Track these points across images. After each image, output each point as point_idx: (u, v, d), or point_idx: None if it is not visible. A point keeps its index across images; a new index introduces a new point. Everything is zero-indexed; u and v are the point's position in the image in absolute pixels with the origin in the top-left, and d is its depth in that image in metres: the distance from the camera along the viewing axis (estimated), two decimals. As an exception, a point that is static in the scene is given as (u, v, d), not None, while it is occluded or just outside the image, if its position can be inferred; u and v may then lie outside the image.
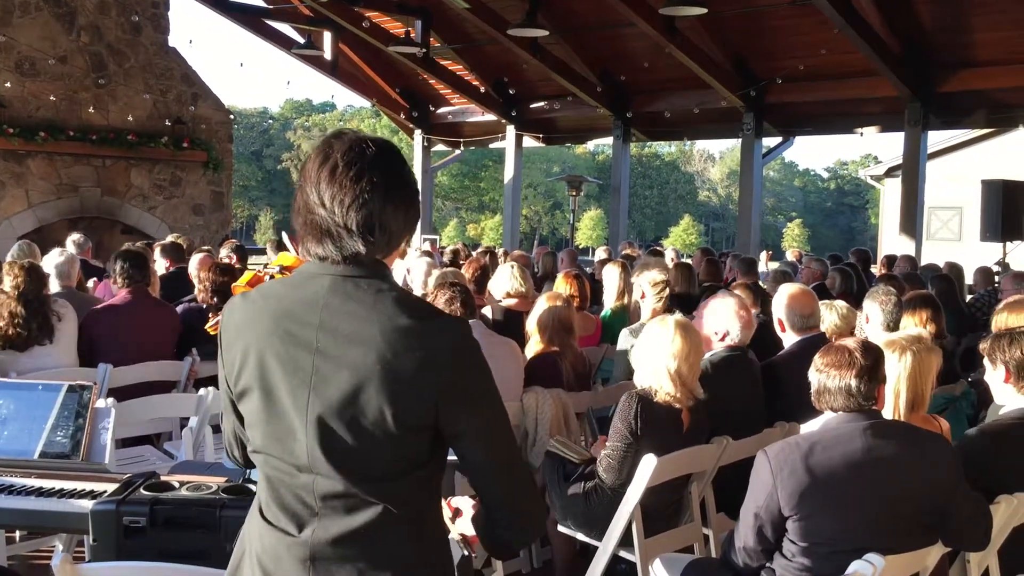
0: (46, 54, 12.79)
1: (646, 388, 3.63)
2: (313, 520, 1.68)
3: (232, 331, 1.76)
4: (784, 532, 2.71)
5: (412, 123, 19.17)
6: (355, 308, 1.66)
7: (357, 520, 1.66)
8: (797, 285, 4.88)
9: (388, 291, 1.68)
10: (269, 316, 1.71)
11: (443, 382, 1.65)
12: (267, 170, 68.19)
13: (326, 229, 1.67)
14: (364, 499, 1.66)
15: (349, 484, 1.65)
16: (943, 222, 20.92)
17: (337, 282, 1.68)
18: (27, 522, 3.13)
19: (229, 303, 1.81)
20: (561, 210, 62.17)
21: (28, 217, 12.87)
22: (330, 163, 1.67)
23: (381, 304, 1.66)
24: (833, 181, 79.73)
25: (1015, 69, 11.55)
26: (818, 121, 15.23)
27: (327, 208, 1.66)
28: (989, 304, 7.57)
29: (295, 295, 1.71)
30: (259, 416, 1.71)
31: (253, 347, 1.70)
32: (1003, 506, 2.97)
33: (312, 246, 1.70)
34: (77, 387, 3.27)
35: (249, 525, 1.79)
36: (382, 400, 1.62)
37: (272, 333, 1.69)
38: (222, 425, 1.91)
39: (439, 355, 1.65)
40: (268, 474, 1.73)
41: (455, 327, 1.71)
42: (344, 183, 1.65)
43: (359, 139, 1.71)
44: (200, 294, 5.79)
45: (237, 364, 1.73)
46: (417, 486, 1.70)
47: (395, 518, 1.67)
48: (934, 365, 3.24)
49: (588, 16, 13.79)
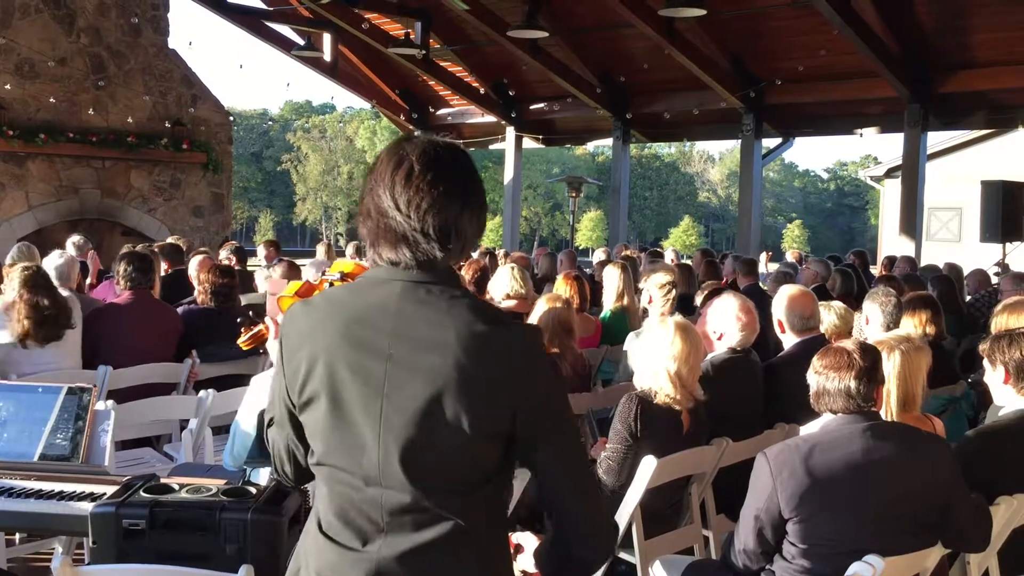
0: (46, 56, 12.79)
1: (646, 390, 3.63)
2: (379, 536, 1.62)
3: (296, 338, 1.69)
4: (784, 534, 2.71)
5: (412, 124, 19.17)
6: (429, 314, 1.61)
7: (426, 535, 1.61)
8: (797, 286, 4.88)
9: (461, 297, 1.65)
10: (337, 322, 1.65)
11: (520, 389, 1.62)
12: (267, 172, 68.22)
13: (402, 234, 1.62)
14: (434, 513, 1.61)
15: (421, 497, 1.60)
16: (943, 223, 20.92)
17: (408, 288, 1.63)
18: (27, 524, 3.13)
19: (289, 311, 1.75)
20: (561, 211, 62.19)
21: (28, 219, 12.87)
22: (405, 166, 1.63)
23: (456, 310, 1.62)
24: (833, 182, 79.80)
25: (1014, 70, 11.56)
26: (818, 122, 15.24)
27: (403, 212, 1.61)
28: (989, 305, 7.56)
29: (364, 301, 1.66)
30: (326, 426, 1.65)
31: (321, 354, 1.64)
32: (1003, 507, 2.97)
33: (385, 251, 1.65)
34: (77, 389, 3.27)
35: (305, 542, 1.73)
36: (459, 408, 1.58)
37: (342, 340, 1.63)
38: (272, 439, 1.83)
39: (516, 362, 1.62)
40: (332, 488, 1.67)
41: (532, 335, 1.68)
42: (421, 187, 1.61)
43: (433, 143, 1.67)
44: (200, 296, 5.79)
45: (302, 372, 1.66)
46: (486, 500, 1.66)
47: (464, 533, 1.62)
48: (924, 364, 3.24)
49: (588, 17, 13.80)
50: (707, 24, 12.53)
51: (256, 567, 2.21)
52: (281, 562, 2.47)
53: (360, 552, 1.63)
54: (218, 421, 4.43)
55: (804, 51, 12.79)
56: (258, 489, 2.63)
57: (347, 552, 1.64)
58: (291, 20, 16.30)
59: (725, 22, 12.78)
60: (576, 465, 1.71)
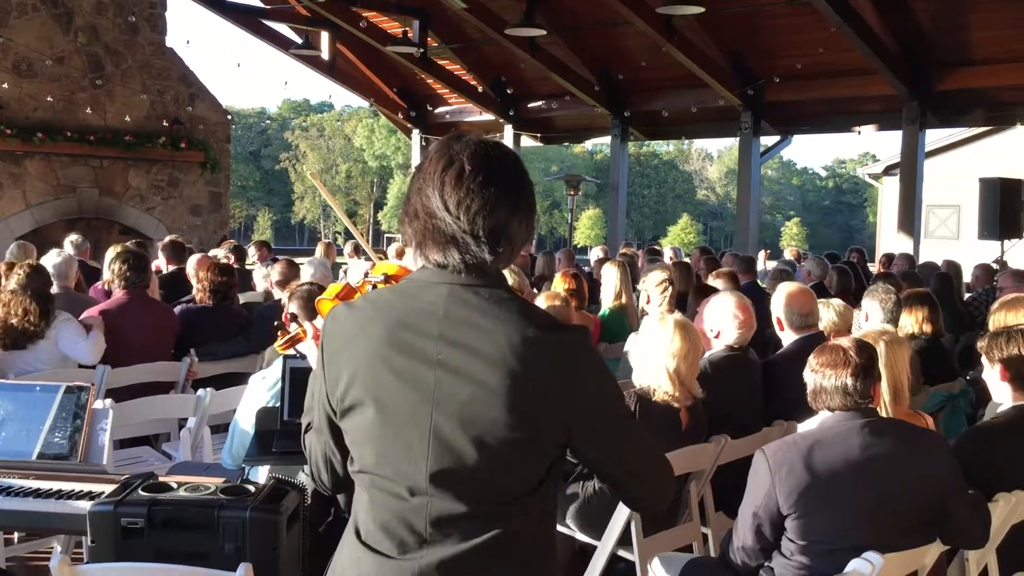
0: (43, 55, 12.78)
1: (644, 387, 3.63)
2: (422, 547, 1.58)
3: (339, 342, 1.64)
4: (783, 531, 2.71)
5: (410, 123, 19.16)
6: (478, 319, 1.56)
7: (469, 544, 1.57)
8: (796, 284, 4.88)
9: (510, 300, 1.59)
10: (382, 326, 1.60)
11: (574, 397, 1.58)
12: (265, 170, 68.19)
13: (451, 236, 1.57)
14: (478, 523, 1.57)
15: (468, 507, 1.57)
16: (941, 220, 20.94)
17: (456, 291, 1.58)
18: (25, 523, 3.13)
19: (332, 313, 1.69)
20: (559, 209, 62.18)
21: (26, 218, 12.86)
22: (455, 167, 1.58)
23: (505, 314, 1.57)
24: (831, 179, 79.83)
25: (1012, 67, 11.56)
26: (816, 120, 15.24)
27: (452, 214, 1.56)
28: (987, 302, 7.57)
29: (410, 304, 1.60)
30: (370, 433, 1.60)
31: (365, 359, 1.59)
32: (1001, 504, 2.97)
33: (433, 253, 1.60)
34: (75, 388, 3.27)
35: (344, 550, 1.68)
36: (511, 416, 1.53)
37: (386, 344, 1.58)
38: (309, 446, 1.77)
39: (570, 370, 1.57)
40: (373, 497, 1.62)
41: (582, 338, 1.63)
42: (472, 188, 1.56)
43: (482, 143, 1.62)
44: (199, 294, 5.79)
45: (345, 377, 1.61)
46: (534, 505, 1.62)
47: (509, 539, 1.59)
48: (905, 356, 3.24)
49: (586, 15, 13.79)
50: (705, 22, 12.52)
51: (255, 565, 2.21)
52: (280, 560, 2.47)
53: (400, 560, 1.59)
54: (216, 420, 4.44)
55: (802, 49, 12.79)
56: (256, 487, 2.63)
57: (387, 561, 1.60)
58: (289, 18, 16.28)
59: (723, 19, 12.77)
60: (638, 463, 1.71)
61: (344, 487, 1.74)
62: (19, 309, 4.64)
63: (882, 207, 22.65)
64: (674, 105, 15.13)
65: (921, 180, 13.01)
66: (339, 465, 1.71)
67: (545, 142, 19.78)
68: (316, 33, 16.42)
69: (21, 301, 4.65)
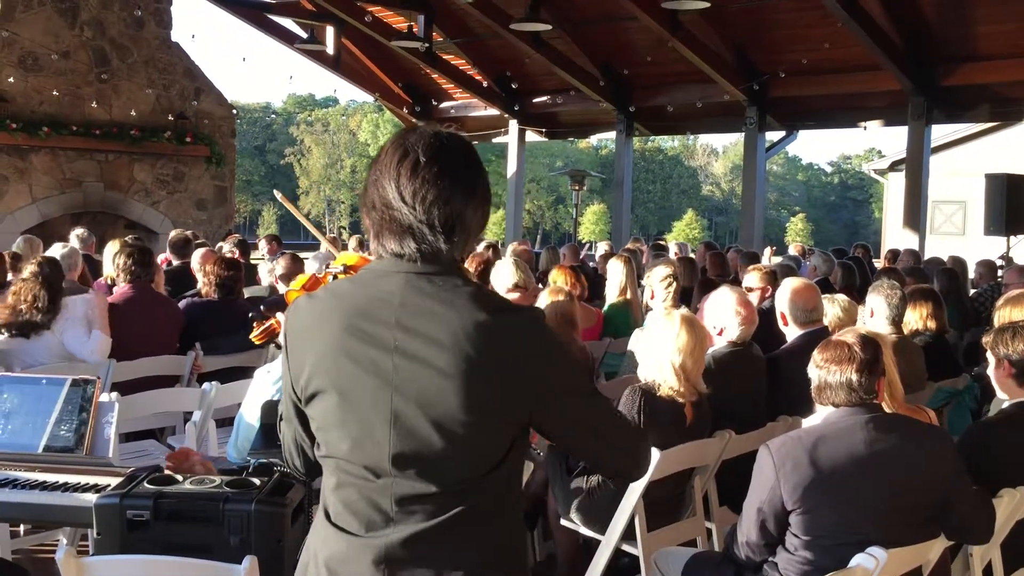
0: (49, 49, 12.80)
1: (649, 382, 3.63)
2: (388, 525, 1.63)
3: (300, 332, 1.69)
4: (787, 526, 2.71)
5: (415, 117, 19.15)
6: (433, 305, 1.61)
7: (434, 522, 1.62)
8: (800, 279, 4.88)
9: (464, 287, 1.64)
10: (341, 315, 1.64)
11: (530, 376, 1.62)
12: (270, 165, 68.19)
13: (407, 226, 1.62)
14: (442, 501, 1.62)
15: (432, 486, 1.61)
16: (947, 216, 20.90)
17: (412, 279, 1.63)
18: (31, 516, 3.14)
19: (293, 304, 1.75)
20: (564, 205, 62.13)
21: (31, 212, 12.89)
22: (411, 158, 1.62)
23: (459, 300, 1.61)
24: (836, 175, 79.65)
25: (1018, 63, 11.53)
26: (821, 115, 15.21)
27: (408, 204, 1.61)
28: (992, 298, 7.55)
29: (367, 293, 1.65)
30: (333, 419, 1.65)
31: (325, 347, 1.64)
32: (1006, 499, 2.97)
33: (390, 243, 1.64)
34: (81, 381, 3.28)
35: (314, 534, 1.74)
36: (467, 399, 1.58)
37: (345, 332, 1.63)
38: (282, 434, 1.84)
39: (522, 348, 1.62)
40: (340, 479, 1.68)
41: (534, 319, 1.67)
42: (427, 179, 1.61)
43: (436, 134, 1.66)
44: (204, 288, 5.79)
45: (307, 365, 1.66)
46: (498, 483, 1.66)
47: (473, 516, 1.64)
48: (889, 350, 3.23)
49: (590, 10, 13.77)
50: (710, 16, 12.50)
51: (260, 558, 2.22)
52: (285, 553, 2.47)
53: (367, 538, 1.64)
54: (222, 413, 4.44)
55: (808, 44, 12.76)
56: (262, 480, 2.63)
57: (354, 539, 1.65)
58: (294, 13, 16.28)
59: (728, 14, 12.75)
60: (604, 430, 1.74)
61: (316, 472, 1.80)
62: (29, 295, 4.67)
63: (887, 203, 22.61)
64: (679, 100, 15.11)
65: (927, 176, 12.99)
66: (309, 451, 1.77)
67: (550, 137, 19.78)
68: (321, 28, 16.42)
69: (31, 288, 4.68)
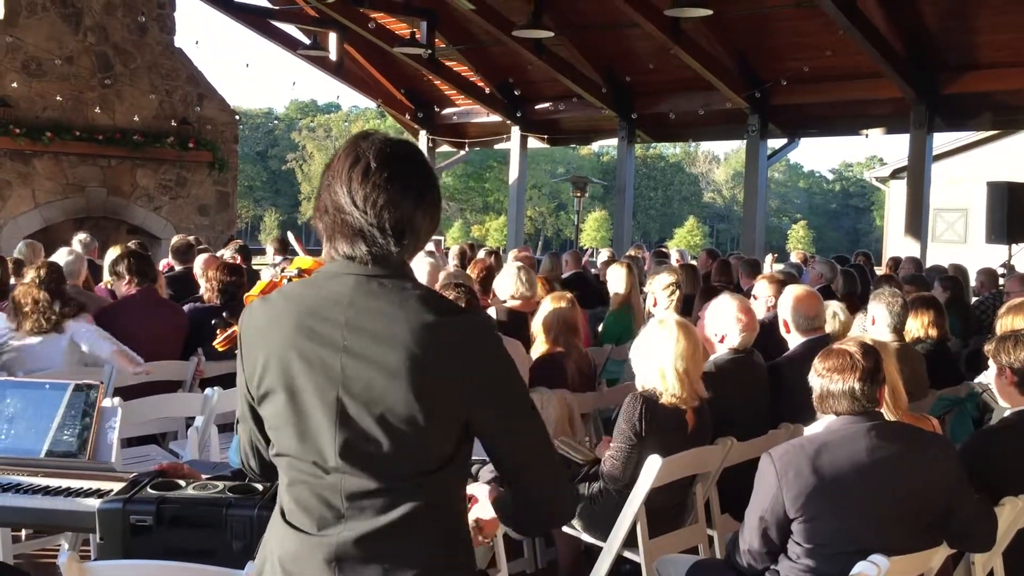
0: (52, 54, 12.82)
1: (650, 389, 3.63)
2: (339, 522, 1.67)
3: (253, 333, 1.74)
4: (789, 534, 2.71)
5: (417, 124, 19.18)
6: (382, 306, 1.65)
7: (384, 519, 1.66)
8: (802, 286, 4.89)
9: (413, 289, 1.68)
10: (292, 316, 1.69)
11: (471, 376, 1.66)
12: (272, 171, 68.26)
13: (358, 229, 1.66)
14: (391, 498, 1.65)
15: (379, 483, 1.65)
16: (948, 224, 20.89)
17: (362, 281, 1.67)
18: (34, 520, 3.15)
19: (248, 307, 1.79)
20: (566, 211, 62.17)
21: (34, 217, 12.90)
22: (362, 164, 1.67)
23: (407, 302, 1.66)
24: (838, 183, 79.62)
25: (1020, 71, 11.55)
26: (823, 123, 15.22)
27: (359, 208, 1.65)
28: (994, 307, 7.55)
29: (318, 294, 1.70)
30: (284, 417, 1.69)
31: (276, 348, 1.69)
32: (1008, 508, 2.97)
33: (342, 246, 1.69)
34: (84, 386, 3.28)
35: (271, 532, 1.77)
36: (412, 397, 1.62)
37: (296, 332, 1.67)
38: (239, 435, 1.89)
39: (466, 350, 1.66)
40: (292, 477, 1.72)
41: (480, 322, 1.73)
42: (378, 184, 1.65)
43: (388, 140, 1.71)
44: (207, 293, 5.80)
45: (259, 366, 1.70)
46: (444, 481, 1.70)
47: (423, 515, 1.66)
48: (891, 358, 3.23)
49: (593, 17, 13.79)
50: (713, 24, 12.52)
51: (263, 563, 2.22)
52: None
53: (319, 536, 1.67)
54: (224, 419, 4.44)
55: (810, 51, 12.78)
56: (264, 486, 2.64)
57: (307, 538, 1.68)
58: (297, 19, 16.32)
59: (731, 22, 12.77)
60: (528, 445, 1.75)
61: (271, 473, 1.83)
62: (29, 299, 4.70)
63: (889, 211, 22.60)
64: (681, 107, 15.13)
65: (928, 184, 12.99)
66: (264, 452, 1.81)
67: (552, 144, 19.79)
68: (324, 34, 16.45)
69: (31, 291, 4.71)
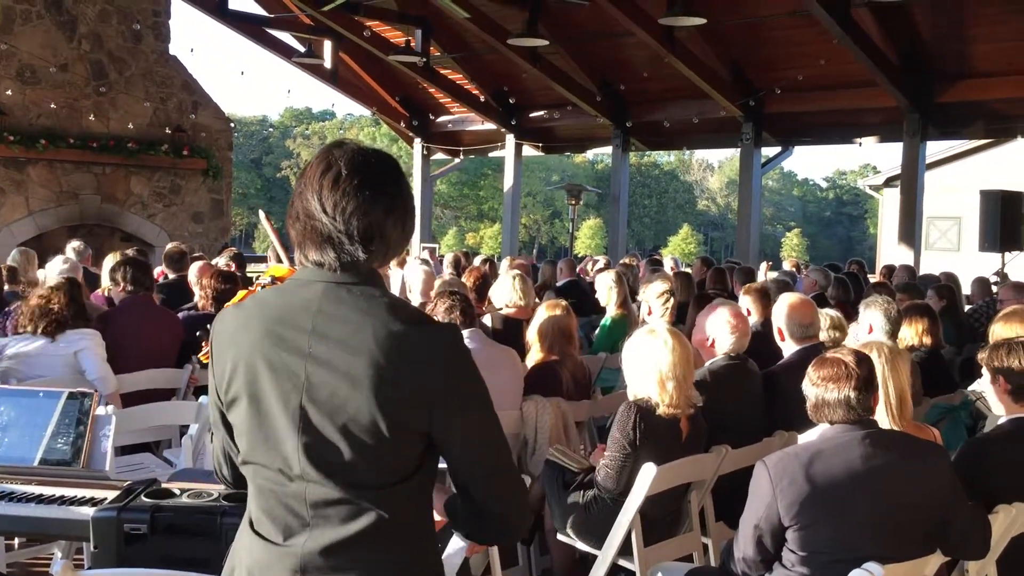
0: (47, 62, 12.81)
1: (644, 398, 3.63)
2: (304, 530, 1.66)
3: (224, 339, 1.74)
4: (783, 542, 2.71)
5: (412, 132, 19.20)
6: (348, 314, 1.65)
7: (349, 529, 1.65)
8: (797, 295, 4.90)
9: (380, 297, 1.68)
10: (260, 322, 1.69)
11: (435, 387, 1.65)
12: (266, 178, 68.18)
13: (327, 236, 1.67)
14: (356, 507, 1.64)
15: (342, 491, 1.64)
16: (942, 232, 20.95)
17: (331, 288, 1.68)
18: (28, 529, 3.13)
19: (220, 314, 1.80)
20: (560, 219, 62.19)
21: (28, 224, 12.88)
22: (333, 171, 1.67)
23: (374, 310, 1.66)
24: (832, 191, 79.81)
25: (1013, 80, 11.59)
26: (817, 131, 15.27)
27: (329, 215, 1.66)
28: (987, 315, 7.56)
29: (287, 301, 1.70)
30: (249, 424, 1.69)
31: (244, 354, 1.69)
32: (1001, 515, 2.98)
33: (311, 252, 1.69)
34: (78, 394, 3.28)
35: (239, 540, 1.78)
36: (374, 406, 1.61)
37: (264, 338, 1.68)
38: (212, 443, 1.89)
39: (431, 361, 1.65)
40: (259, 484, 1.71)
41: (446, 333, 1.71)
42: (348, 191, 1.65)
43: (361, 149, 1.72)
44: (201, 301, 5.79)
45: (228, 372, 1.71)
46: (409, 493, 1.69)
47: (388, 526, 1.65)
48: (907, 366, 3.25)
49: (588, 26, 13.83)
50: (707, 33, 12.57)
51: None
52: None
53: (285, 547, 1.67)
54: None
55: (803, 60, 12.82)
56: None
57: (273, 547, 1.68)
58: (292, 27, 16.33)
59: (725, 31, 12.82)
60: (488, 459, 1.73)
61: (243, 482, 1.81)
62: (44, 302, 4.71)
63: (883, 219, 22.67)
64: (675, 116, 15.17)
65: (922, 192, 13.03)
66: (236, 458, 1.79)
67: (547, 151, 19.83)
68: (319, 42, 16.48)
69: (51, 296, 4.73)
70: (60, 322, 4.67)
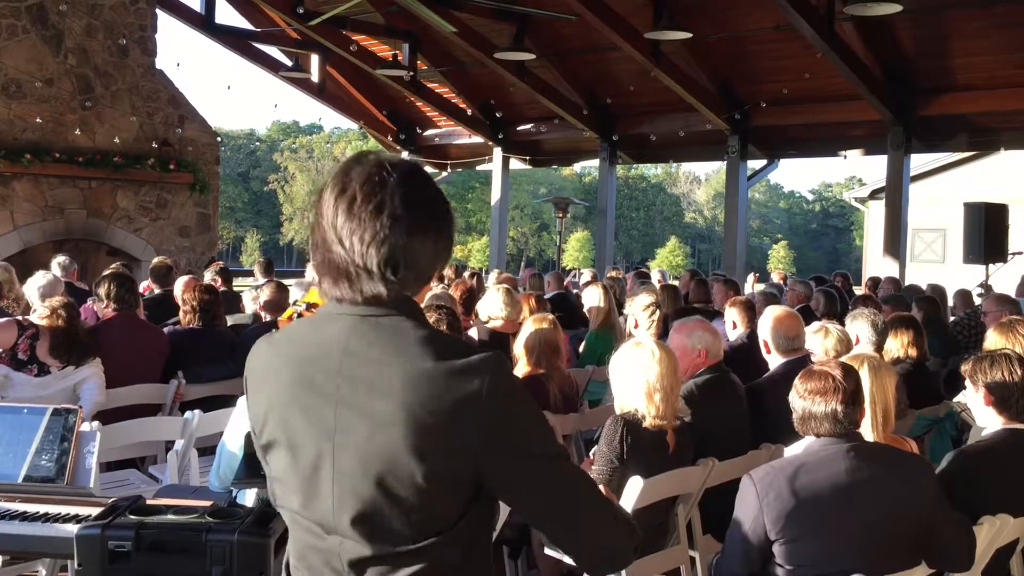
0: (33, 76, 12.77)
1: (631, 411, 3.64)
2: None
3: (258, 377, 1.62)
4: (770, 556, 2.72)
5: (399, 145, 19.21)
6: (375, 352, 1.49)
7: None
8: (783, 307, 4.92)
9: (412, 330, 1.51)
10: (292, 362, 1.56)
11: (480, 431, 1.46)
12: (253, 192, 68.08)
13: (343, 269, 1.50)
14: (399, 562, 1.50)
15: (380, 548, 1.50)
16: (927, 244, 21.08)
17: (357, 323, 1.52)
18: (11, 547, 3.10)
19: (255, 346, 1.67)
20: (548, 232, 62.29)
21: (13, 239, 12.80)
22: (348, 195, 1.50)
23: (404, 346, 1.49)
24: (818, 203, 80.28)
25: (994, 93, 11.72)
26: (802, 144, 15.38)
27: (345, 246, 1.49)
28: (970, 326, 7.62)
29: (316, 338, 1.55)
30: (284, 472, 1.57)
31: (276, 396, 1.57)
32: (986, 527, 2.99)
33: (328, 287, 1.54)
34: (62, 411, 3.25)
35: None
36: (411, 457, 1.45)
37: (295, 381, 1.54)
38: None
39: (470, 400, 1.46)
40: (295, 533, 1.60)
41: (489, 366, 1.49)
42: (363, 217, 1.49)
43: (379, 164, 1.53)
44: (185, 315, 5.75)
45: (262, 415, 1.59)
46: (458, 539, 1.52)
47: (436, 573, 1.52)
48: (892, 380, 3.27)
49: (574, 40, 13.90)
50: (692, 47, 12.65)
51: (243, 589, 2.21)
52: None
53: None
54: (204, 442, 4.42)
55: (788, 74, 12.92)
56: (244, 511, 2.62)
57: None
58: (279, 41, 16.34)
59: (710, 45, 12.90)
60: (562, 502, 1.55)
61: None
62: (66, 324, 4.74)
63: (868, 231, 22.80)
64: (662, 129, 15.25)
65: (906, 204, 13.11)
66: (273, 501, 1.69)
67: (534, 165, 19.88)
68: (306, 56, 16.49)
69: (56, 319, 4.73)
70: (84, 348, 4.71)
